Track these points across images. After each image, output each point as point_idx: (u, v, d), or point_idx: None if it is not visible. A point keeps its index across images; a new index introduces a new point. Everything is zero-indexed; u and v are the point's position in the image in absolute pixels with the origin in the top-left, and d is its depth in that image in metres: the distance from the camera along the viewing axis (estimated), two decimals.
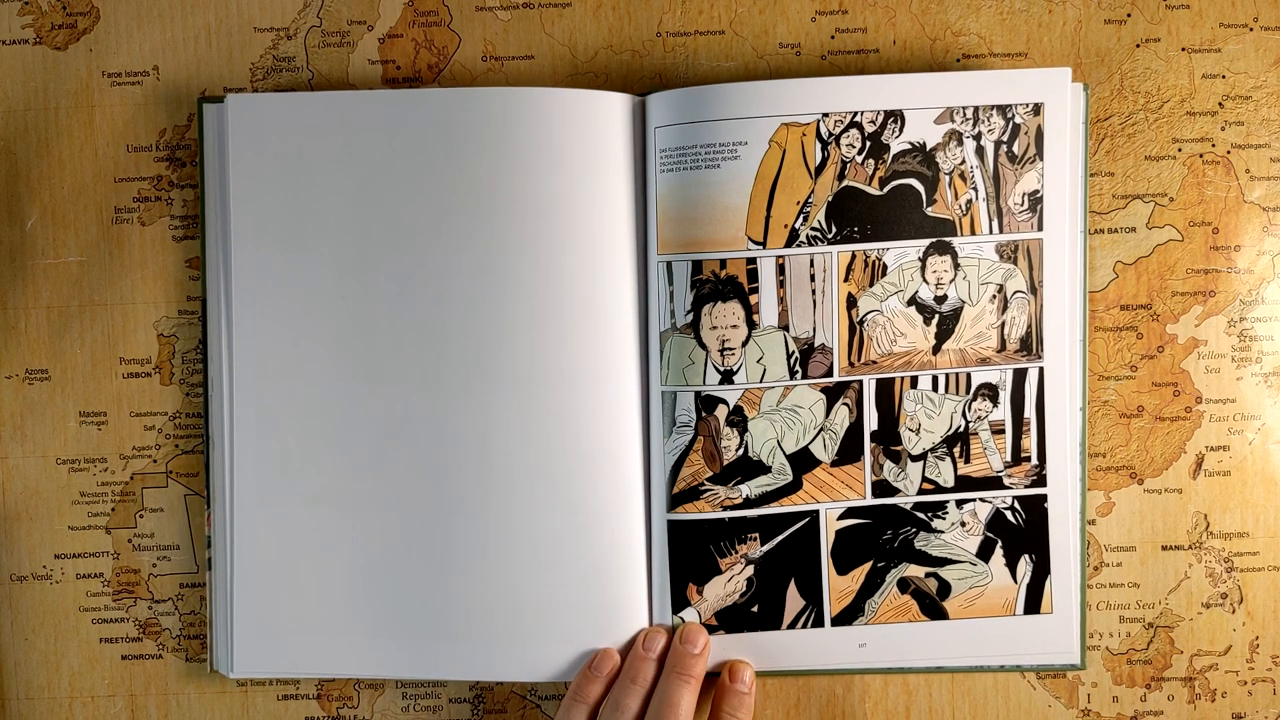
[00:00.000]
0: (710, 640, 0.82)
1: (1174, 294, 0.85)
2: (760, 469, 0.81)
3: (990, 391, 0.81)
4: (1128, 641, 0.86)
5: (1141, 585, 0.86)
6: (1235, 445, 0.85)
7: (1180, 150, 0.85)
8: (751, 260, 0.80)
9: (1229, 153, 0.85)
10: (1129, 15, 0.85)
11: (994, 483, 0.82)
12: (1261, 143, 0.85)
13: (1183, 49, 0.85)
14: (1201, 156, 0.85)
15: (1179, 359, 0.85)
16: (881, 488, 0.82)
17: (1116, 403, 0.85)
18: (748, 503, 0.81)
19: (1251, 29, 0.85)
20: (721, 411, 0.81)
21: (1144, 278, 0.85)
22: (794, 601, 0.82)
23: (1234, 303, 0.85)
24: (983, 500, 0.82)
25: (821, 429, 0.81)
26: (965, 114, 0.80)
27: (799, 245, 0.80)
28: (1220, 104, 0.85)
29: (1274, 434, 0.85)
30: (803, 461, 0.82)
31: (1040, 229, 0.81)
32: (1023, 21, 0.84)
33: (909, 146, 0.80)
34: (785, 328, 0.80)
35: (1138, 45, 0.85)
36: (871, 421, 0.82)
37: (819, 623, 0.82)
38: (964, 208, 0.80)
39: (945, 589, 0.82)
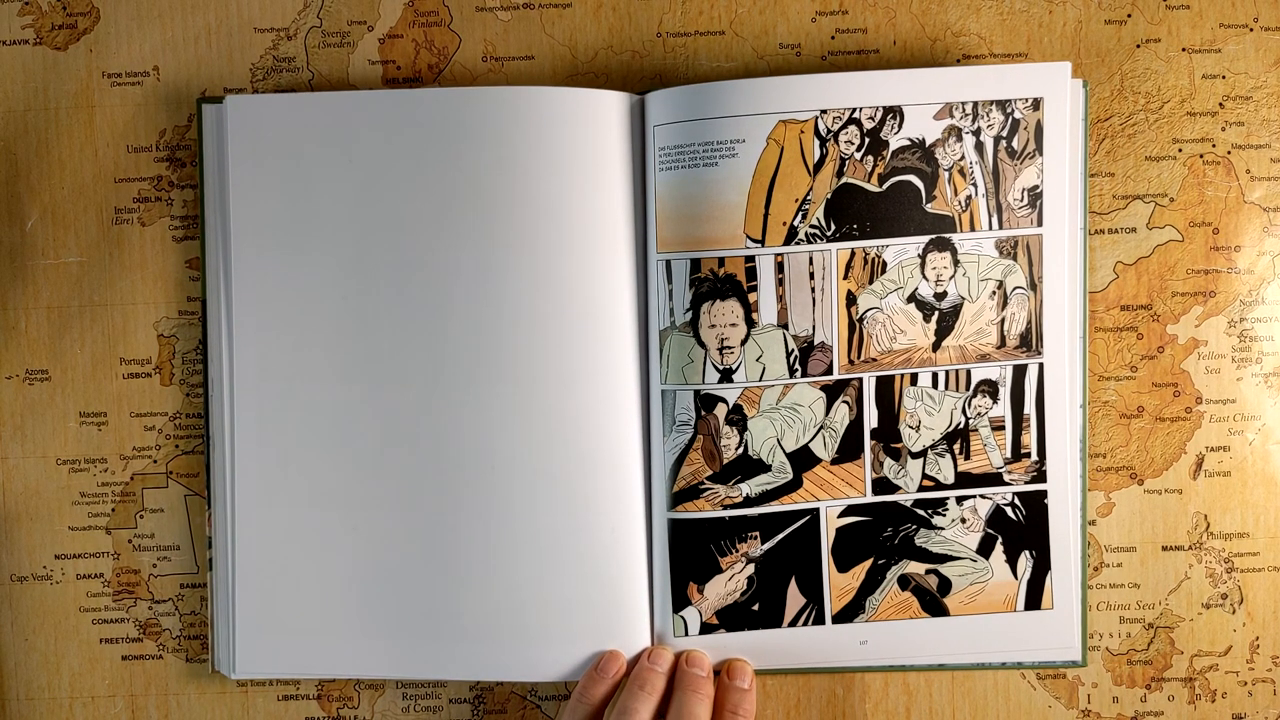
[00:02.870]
0: (711, 643, 0.82)
1: (1174, 294, 0.85)
2: (760, 467, 0.81)
3: (990, 388, 0.81)
4: (1128, 642, 0.86)
5: (1142, 586, 0.86)
6: (1235, 446, 0.85)
7: (1180, 151, 0.85)
8: (750, 258, 0.80)
9: (1229, 153, 0.85)
10: (1129, 16, 0.85)
11: (994, 479, 0.82)
12: (1262, 143, 0.85)
13: (1183, 49, 0.85)
14: (1202, 157, 0.85)
15: (1179, 359, 0.85)
16: (882, 485, 0.82)
17: (1117, 403, 0.85)
18: (748, 501, 0.81)
19: (1251, 29, 0.85)
20: (721, 410, 0.81)
21: (1144, 278, 0.85)
22: (795, 600, 0.82)
23: (1234, 303, 0.85)
24: (983, 497, 0.82)
25: (821, 427, 0.81)
26: (965, 109, 0.80)
27: (798, 243, 0.80)
28: (1220, 104, 0.85)
29: (1274, 434, 0.85)
30: (803, 459, 0.81)
31: (1040, 224, 0.81)
32: (1023, 22, 0.85)
33: (908, 143, 0.80)
34: (784, 326, 0.80)
35: (1138, 46, 0.85)
36: (871, 419, 0.81)
37: (820, 620, 0.82)
38: (963, 204, 0.80)
39: (946, 585, 0.82)
